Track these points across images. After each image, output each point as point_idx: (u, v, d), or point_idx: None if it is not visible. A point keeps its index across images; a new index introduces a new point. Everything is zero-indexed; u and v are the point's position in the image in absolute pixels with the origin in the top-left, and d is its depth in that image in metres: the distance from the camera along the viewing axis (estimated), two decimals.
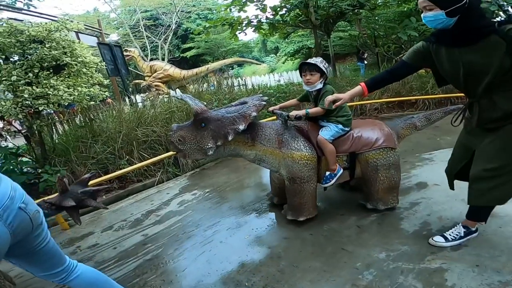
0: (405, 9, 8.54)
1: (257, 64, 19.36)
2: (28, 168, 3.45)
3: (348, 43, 14.04)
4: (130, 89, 8.87)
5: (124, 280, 2.08)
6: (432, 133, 4.30)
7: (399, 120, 2.67)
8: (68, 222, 3.04)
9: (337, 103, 1.97)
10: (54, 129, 4.22)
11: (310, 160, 2.26)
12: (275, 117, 2.80)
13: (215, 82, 7.02)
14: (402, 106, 6.27)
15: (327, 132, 2.31)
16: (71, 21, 3.91)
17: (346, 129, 2.38)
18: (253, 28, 7.83)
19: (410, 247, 2.01)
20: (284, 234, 2.39)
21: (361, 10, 7.74)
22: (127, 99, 6.93)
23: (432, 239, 2.01)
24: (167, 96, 6.10)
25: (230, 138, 2.15)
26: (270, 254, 2.16)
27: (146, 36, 22.98)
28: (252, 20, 7.61)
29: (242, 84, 7.95)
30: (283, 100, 6.07)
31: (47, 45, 3.51)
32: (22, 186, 3.27)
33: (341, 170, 2.35)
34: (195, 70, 9.61)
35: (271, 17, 7.80)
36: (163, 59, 21.07)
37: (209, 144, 2.17)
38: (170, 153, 3.55)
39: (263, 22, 7.77)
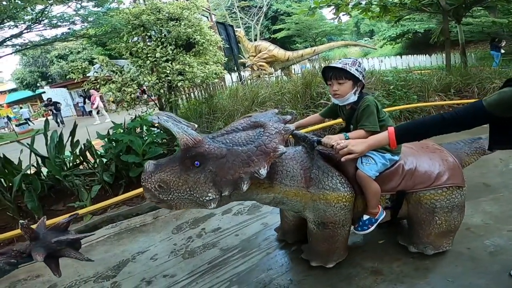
0: None
1: (372, 48, 17.85)
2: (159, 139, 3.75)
3: (478, 29, 12.15)
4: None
5: (249, 274, 2.00)
6: None
7: (461, 142, 1.99)
8: None
9: (348, 157, 1.46)
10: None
11: (348, 201, 1.69)
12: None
13: (308, 64, 6.56)
14: None
15: (371, 167, 1.65)
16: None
17: (395, 158, 1.73)
18: (360, 10, 7.08)
19: None
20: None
21: None
22: (232, 78, 7.13)
23: None
24: (271, 75, 5.99)
25: (244, 187, 1.41)
26: (413, 264, 1.85)
27: (240, 17, 23.63)
28: (360, 2, 6.84)
29: None
30: (403, 90, 5.24)
31: (182, 23, 3.65)
32: (158, 157, 3.51)
33: (384, 214, 1.77)
34: (300, 52, 9.33)
35: None
36: (255, 40, 21.40)
37: (209, 194, 1.44)
38: None
39: (373, 4, 6.90)
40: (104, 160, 3.41)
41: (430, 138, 1.46)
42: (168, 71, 3.18)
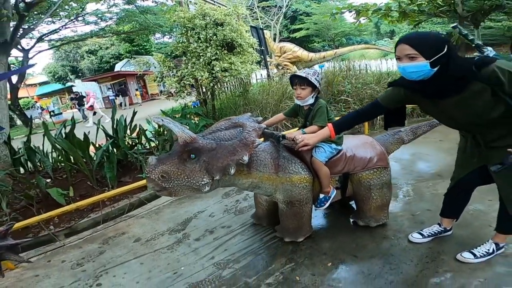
0: None
1: (390, 52, 17.91)
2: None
3: (499, 33, 12.21)
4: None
5: None
6: None
7: (387, 134, 2.55)
8: None
9: (303, 148, 1.93)
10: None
11: (308, 182, 2.15)
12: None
13: (326, 64, 7.03)
14: None
15: (322, 154, 2.15)
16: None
17: (339, 148, 2.25)
18: (380, 15, 7.51)
19: None
20: (426, 205, 2.58)
21: None
22: (257, 74, 7.74)
23: None
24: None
25: (232, 171, 1.81)
26: (414, 219, 2.44)
27: (260, 17, 24.16)
28: (380, 8, 7.26)
29: (362, 69, 7.73)
30: None
31: (227, 28, 4.28)
32: None
33: (335, 192, 2.26)
34: (322, 54, 9.86)
35: (404, 5, 7.24)
36: (274, 40, 21.91)
37: (204, 179, 1.82)
38: None
39: (393, 9, 7.30)
40: (159, 140, 4.09)
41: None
42: (217, 68, 3.82)
